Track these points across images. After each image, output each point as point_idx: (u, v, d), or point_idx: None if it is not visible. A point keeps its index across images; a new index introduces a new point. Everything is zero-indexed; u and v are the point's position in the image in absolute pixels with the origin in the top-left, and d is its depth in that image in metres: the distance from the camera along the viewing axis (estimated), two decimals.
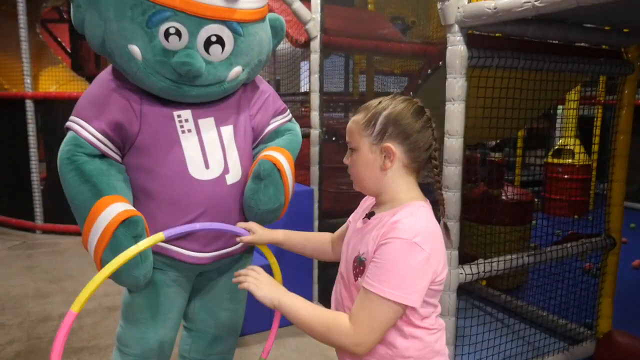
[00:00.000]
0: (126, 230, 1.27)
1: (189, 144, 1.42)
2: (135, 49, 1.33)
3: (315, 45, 2.71)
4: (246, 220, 1.53)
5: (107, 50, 1.38)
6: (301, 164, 2.94)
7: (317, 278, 2.95)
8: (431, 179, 1.12)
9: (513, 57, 1.92)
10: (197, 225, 1.31)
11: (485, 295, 3.16)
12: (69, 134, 1.39)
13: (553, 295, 2.62)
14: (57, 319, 2.96)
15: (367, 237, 1.04)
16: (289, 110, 1.73)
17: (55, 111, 4.65)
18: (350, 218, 1.26)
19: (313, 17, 2.68)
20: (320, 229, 2.92)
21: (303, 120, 4.74)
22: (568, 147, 5.46)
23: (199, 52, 1.36)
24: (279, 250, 2.89)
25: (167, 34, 1.32)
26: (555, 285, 2.65)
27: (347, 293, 1.10)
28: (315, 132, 2.80)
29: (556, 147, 5.63)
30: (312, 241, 1.40)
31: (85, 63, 6.54)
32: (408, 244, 0.95)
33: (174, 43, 1.33)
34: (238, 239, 1.38)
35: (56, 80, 5.09)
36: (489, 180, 3.30)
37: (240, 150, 1.53)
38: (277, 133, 1.66)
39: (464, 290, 2.94)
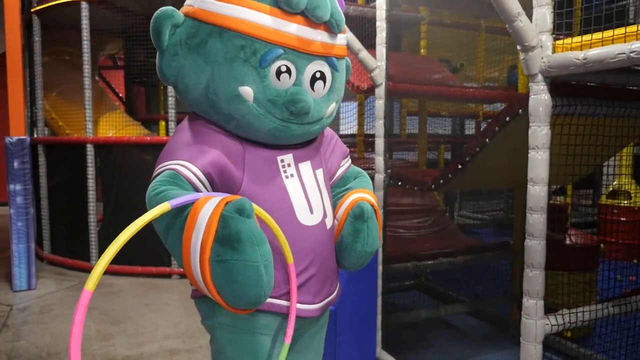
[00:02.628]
0: (233, 210, 1.11)
1: (293, 189, 1.40)
2: (247, 90, 1.30)
3: (381, 92, 2.76)
4: (341, 266, 1.54)
5: (210, 97, 1.33)
6: None
7: (380, 324, 2.91)
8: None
9: (595, 105, 1.91)
10: (200, 195, 1.16)
11: (550, 343, 3.05)
12: (163, 174, 1.27)
13: (624, 344, 2.50)
14: None
15: None
16: None
17: (113, 154, 4.83)
18: None
19: (378, 64, 2.74)
20: (384, 274, 2.90)
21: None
22: (624, 188, 5.32)
23: (306, 89, 1.36)
24: (343, 296, 2.86)
25: (278, 73, 1.31)
26: (626, 334, 2.53)
27: None
28: (380, 177, 2.82)
29: (611, 189, 5.49)
30: None
31: (137, 108, 6.82)
32: None
33: (284, 81, 1.32)
34: None
35: (114, 125, 5.31)
36: (553, 225, 3.23)
37: (329, 193, 1.54)
38: (347, 177, 1.67)
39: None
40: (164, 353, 3.13)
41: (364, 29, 3.31)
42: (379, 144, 2.81)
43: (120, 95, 7.40)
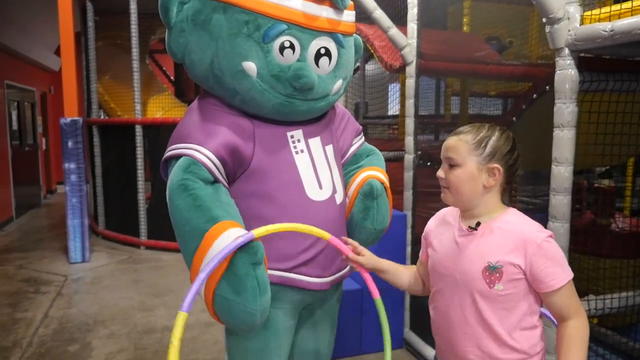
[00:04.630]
0: (246, 257, 1.18)
1: (303, 165, 1.41)
2: (250, 65, 1.32)
3: (411, 70, 2.71)
4: None
5: (215, 72, 1.35)
6: (393, 188, 2.93)
7: (409, 305, 2.89)
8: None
9: (630, 80, 1.79)
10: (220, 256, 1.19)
11: (594, 334, 2.92)
12: (182, 160, 1.31)
13: None
14: (161, 331, 3.15)
15: (486, 247, 1.14)
16: None
17: (161, 136, 5.01)
18: (432, 241, 1.29)
19: (409, 42, 2.68)
20: (413, 255, 2.87)
21: (390, 143, 4.71)
22: None
23: (309, 64, 1.36)
24: (372, 274, 2.86)
25: (282, 48, 1.32)
26: None
27: (472, 302, 1.15)
28: (409, 157, 2.78)
29: None
30: (413, 276, 1.41)
31: (186, 90, 7.01)
32: (552, 237, 1.13)
33: (288, 57, 1.33)
34: (350, 256, 1.34)
35: (162, 107, 5.50)
36: (598, 209, 3.07)
37: (339, 169, 1.54)
38: (359, 154, 1.66)
39: None
40: (200, 325, 3.26)
41: (402, 7, 3.24)
42: (409, 123, 2.76)
43: (171, 77, 7.63)
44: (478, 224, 1.17)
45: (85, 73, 5.93)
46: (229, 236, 1.19)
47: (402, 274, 1.41)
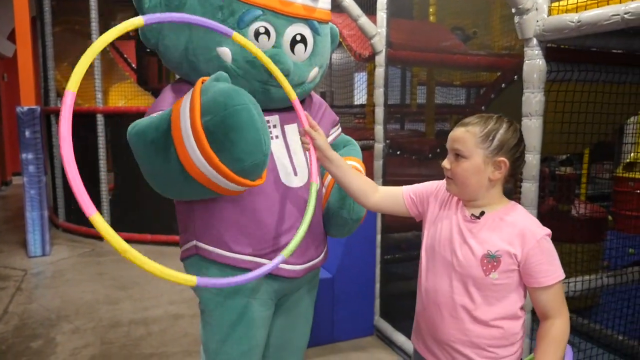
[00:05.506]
0: (210, 80, 1.15)
1: (277, 151, 1.40)
2: (225, 51, 1.31)
3: (381, 59, 2.71)
4: (328, 232, 1.55)
5: (190, 58, 1.34)
6: None
7: (379, 293, 2.92)
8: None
9: (594, 71, 1.84)
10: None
11: None
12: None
13: (631, 318, 2.47)
14: (127, 325, 3.08)
15: (487, 236, 1.16)
16: None
17: (123, 125, 4.83)
18: (431, 218, 1.29)
19: (379, 31, 2.68)
20: (383, 244, 2.90)
21: (358, 132, 4.73)
22: None
23: (285, 51, 1.35)
24: (342, 264, 2.86)
25: (257, 34, 1.31)
26: (633, 308, 2.50)
27: (463, 287, 1.18)
28: (379, 146, 2.79)
29: (627, 161, 5.35)
30: (362, 180, 1.36)
31: (149, 78, 6.83)
32: (549, 235, 1.16)
33: (263, 43, 1.32)
34: (307, 128, 1.31)
35: (124, 95, 5.34)
36: (559, 196, 3.17)
37: (316, 158, 1.53)
38: (336, 145, 1.66)
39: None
40: (167, 317, 3.21)
41: None
42: (379, 112, 2.77)
43: (133, 65, 7.42)
44: (482, 213, 1.19)
45: (42, 60, 5.69)
46: (191, 90, 1.15)
47: (352, 175, 1.34)
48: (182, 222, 1.48)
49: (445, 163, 1.21)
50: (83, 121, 5.07)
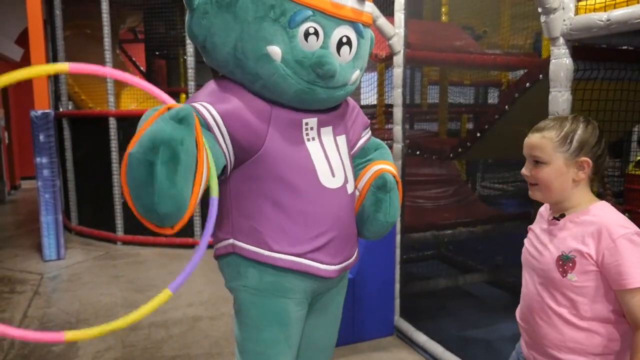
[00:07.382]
0: (171, 116, 1.07)
1: (315, 152, 1.41)
2: (275, 50, 1.31)
3: (399, 60, 2.72)
4: (361, 234, 1.58)
5: (238, 56, 1.34)
6: None
7: (399, 293, 2.93)
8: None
9: (620, 69, 1.85)
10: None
11: None
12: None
13: None
14: (147, 328, 3.09)
15: (563, 237, 1.16)
16: None
17: (135, 127, 4.88)
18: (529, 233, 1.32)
19: (397, 32, 2.69)
20: (402, 244, 2.90)
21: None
22: None
23: (332, 52, 1.36)
24: (362, 265, 2.85)
25: (306, 34, 1.32)
26: None
27: (547, 292, 1.19)
28: (398, 146, 2.80)
29: (638, 159, 5.33)
30: None
31: (158, 81, 6.85)
32: (637, 234, 1.10)
33: (312, 43, 1.33)
34: None
35: (136, 98, 5.36)
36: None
37: (350, 160, 1.55)
38: (367, 148, 1.67)
39: None
40: (187, 320, 3.22)
41: None
42: (397, 112, 2.78)
43: (142, 68, 7.45)
44: (562, 215, 1.18)
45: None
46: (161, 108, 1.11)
47: None
48: (217, 219, 1.48)
49: (525, 171, 1.21)
50: (95, 124, 5.10)
